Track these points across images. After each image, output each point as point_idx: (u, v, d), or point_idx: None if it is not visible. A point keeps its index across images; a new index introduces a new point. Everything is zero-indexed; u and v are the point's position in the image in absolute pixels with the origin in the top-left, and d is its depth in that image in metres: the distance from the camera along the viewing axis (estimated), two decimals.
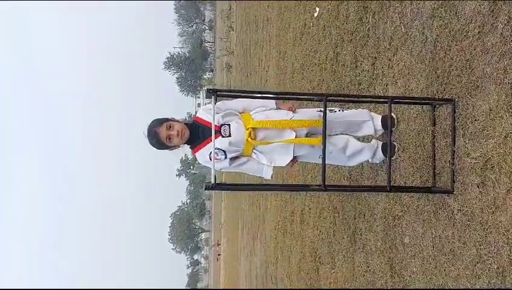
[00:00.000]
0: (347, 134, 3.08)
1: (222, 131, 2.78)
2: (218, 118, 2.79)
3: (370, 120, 3.07)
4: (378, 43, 3.46)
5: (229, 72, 23.77)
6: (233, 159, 2.87)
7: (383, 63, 3.37)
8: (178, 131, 2.79)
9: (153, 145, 2.89)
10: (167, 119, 2.85)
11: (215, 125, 2.64)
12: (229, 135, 2.78)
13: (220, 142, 2.75)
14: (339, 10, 4.45)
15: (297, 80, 6.17)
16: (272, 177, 2.93)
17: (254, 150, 2.84)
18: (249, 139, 2.77)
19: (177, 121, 2.88)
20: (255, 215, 10.50)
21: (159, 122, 2.84)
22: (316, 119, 2.84)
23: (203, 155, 2.87)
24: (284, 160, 2.86)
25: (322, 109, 2.56)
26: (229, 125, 2.79)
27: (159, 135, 2.81)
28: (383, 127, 3.10)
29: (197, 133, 2.85)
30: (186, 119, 3.09)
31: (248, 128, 2.77)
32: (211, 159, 2.77)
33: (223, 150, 2.78)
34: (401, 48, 3.10)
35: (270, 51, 8.90)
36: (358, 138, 3.21)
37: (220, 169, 2.92)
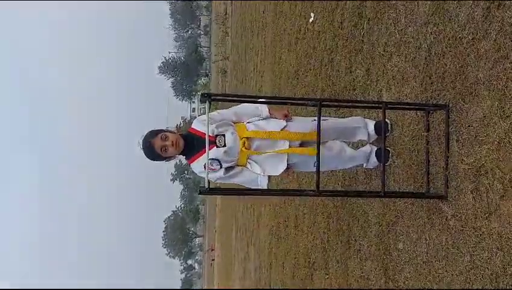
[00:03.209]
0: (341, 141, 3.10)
1: (217, 141, 2.79)
2: (213, 128, 2.79)
3: (363, 126, 3.09)
4: (373, 49, 3.47)
5: (224, 77, 23.79)
6: (228, 169, 2.87)
7: (378, 68, 3.38)
8: (172, 141, 2.79)
9: (148, 157, 2.89)
10: (162, 130, 2.86)
11: (210, 136, 2.63)
12: (224, 145, 2.79)
13: (215, 153, 2.77)
14: (333, 16, 4.47)
15: (292, 85, 6.18)
16: (268, 186, 2.93)
17: (248, 160, 2.87)
18: (243, 148, 2.80)
19: (172, 132, 2.88)
20: (249, 221, 10.48)
21: (153, 134, 2.84)
22: (309, 131, 2.86)
23: (198, 165, 2.87)
24: (278, 169, 2.88)
25: (316, 118, 2.57)
26: (223, 135, 2.81)
27: (153, 145, 2.81)
28: (376, 132, 3.10)
29: (193, 143, 2.86)
30: (181, 124, 3.06)
31: (242, 138, 2.81)
32: (205, 169, 2.77)
33: (217, 160, 2.79)
34: (395, 54, 3.11)
35: (265, 56, 8.91)
36: (352, 144, 3.22)
37: (215, 180, 2.91)
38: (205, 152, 2.63)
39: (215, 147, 2.78)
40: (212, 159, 2.77)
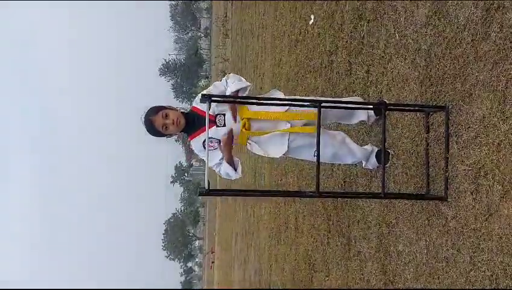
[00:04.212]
0: (341, 126, 3.05)
1: (217, 121, 2.79)
2: (213, 107, 2.77)
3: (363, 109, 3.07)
4: (373, 50, 3.48)
5: None
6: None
7: (377, 70, 3.38)
8: (173, 120, 2.79)
9: (149, 133, 2.90)
10: (163, 108, 2.85)
11: (210, 115, 2.61)
12: (224, 125, 2.78)
13: (214, 132, 2.77)
14: (333, 18, 4.47)
15: (292, 87, 6.18)
16: (238, 173, 2.86)
17: (249, 140, 2.85)
18: (244, 129, 2.78)
19: (174, 109, 2.87)
20: (249, 223, 10.47)
21: (154, 111, 2.84)
22: (312, 112, 2.79)
23: (197, 143, 2.88)
24: (278, 151, 2.86)
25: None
26: (224, 115, 2.79)
27: (154, 123, 2.81)
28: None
29: (193, 121, 2.86)
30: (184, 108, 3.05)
31: (243, 119, 2.78)
32: (204, 148, 2.77)
33: (218, 139, 2.79)
34: (395, 56, 3.12)
35: (265, 58, 8.92)
36: (352, 138, 3.23)
37: (211, 165, 2.86)
38: (204, 130, 2.60)
39: (215, 127, 2.77)
40: (212, 138, 2.77)
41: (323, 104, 2.60)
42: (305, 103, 2.76)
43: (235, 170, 2.86)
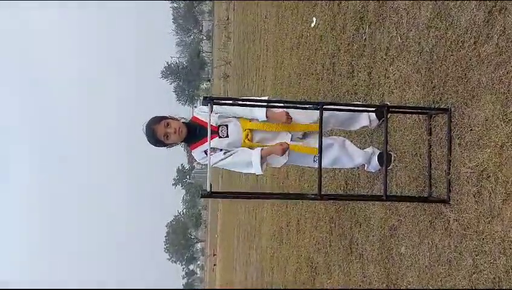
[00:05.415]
0: (344, 130, 3.07)
1: (220, 132, 2.83)
2: (216, 118, 2.82)
3: (365, 113, 3.08)
4: (375, 53, 3.48)
5: (226, 82, 23.84)
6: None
7: (380, 72, 3.38)
8: (175, 129, 2.82)
9: (151, 142, 2.92)
10: (165, 117, 2.88)
11: (212, 126, 2.64)
12: (227, 136, 2.83)
13: (217, 143, 2.81)
14: (335, 20, 4.48)
15: (294, 89, 6.18)
16: (262, 168, 2.82)
17: None
18: (246, 140, 2.82)
19: (175, 119, 2.90)
20: (251, 225, 10.46)
21: (157, 120, 2.86)
22: (312, 122, 2.85)
23: (199, 153, 2.90)
24: (279, 161, 2.89)
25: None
26: (226, 126, 2.85)
27: (156, 132, 2.84)
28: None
29: (195, 132, 2.88)
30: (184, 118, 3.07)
31: (245, 130, 2.83)
32: (206, 154, 2.79)
33: (219, 150, 2.83)
34: (397, 58, 3.12)
35: (268, 60, 8.93)
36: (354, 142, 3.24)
37: (214, 163, 2.87)
38: (206, 141, 2.60)
39: (217, 137, 2.81)
40: (214, 148, 2.80)
41: (325, 107, 2.60)
42: (307, 106, 2.77)
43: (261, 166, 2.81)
